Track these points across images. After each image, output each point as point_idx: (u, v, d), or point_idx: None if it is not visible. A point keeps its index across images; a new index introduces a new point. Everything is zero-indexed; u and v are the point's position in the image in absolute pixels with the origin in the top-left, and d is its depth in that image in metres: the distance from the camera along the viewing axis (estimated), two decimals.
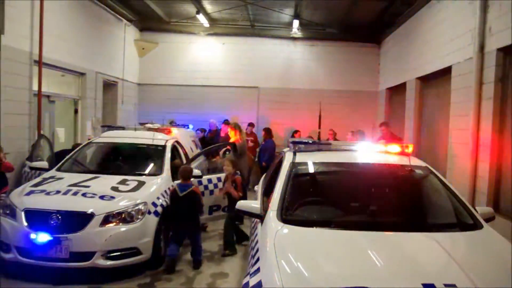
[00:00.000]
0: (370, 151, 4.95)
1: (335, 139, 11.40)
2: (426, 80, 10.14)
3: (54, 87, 9.91)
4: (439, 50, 8.93)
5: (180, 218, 6.05)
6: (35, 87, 8.66)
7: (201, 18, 12.96)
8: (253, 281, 3.00)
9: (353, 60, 14.56)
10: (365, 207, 4.06)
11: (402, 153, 4.76)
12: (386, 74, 13.84)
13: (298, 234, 3.47)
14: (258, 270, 3.10)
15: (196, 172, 6.68)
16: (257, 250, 3.53)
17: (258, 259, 3.32)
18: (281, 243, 3.25)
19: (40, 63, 8.65)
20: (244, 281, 3.12)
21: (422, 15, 10.22)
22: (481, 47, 7.02)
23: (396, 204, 4.21)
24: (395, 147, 4.86)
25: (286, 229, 3.49)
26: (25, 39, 8.37)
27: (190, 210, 6.07)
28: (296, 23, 13.16)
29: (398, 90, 12.35)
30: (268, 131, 12.32)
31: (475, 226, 3.73)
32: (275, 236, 3.35)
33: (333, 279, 2.76)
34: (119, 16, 12.77)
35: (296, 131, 12.94)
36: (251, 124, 12.93)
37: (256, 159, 12.34)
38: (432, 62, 9.36)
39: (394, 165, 4.59)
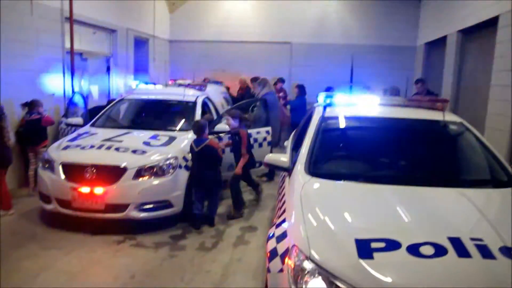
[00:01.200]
0: (403, 106, 4.82)
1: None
2: (469, 33, 9.67)
3: (86, 44, 9.99)
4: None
5: (199, 173, 6.06)
6: (67, 45, 8.75)
7: None
8: (278, 231, 3.04)
9: (391, 13, 13.95)
10: (395, 162, 4.01)
11: (437, 108, 4.61)
12: (425, 28, 13.26)
13: (325, 187, 3.45)
14: (283, 221, 3.13)
15: (220, 127, 6.69)
16: (284, 202, 3.56)
17: (284, 211, 3.34)
18: (308, 195, 3.24)
19: (71, 20, 8.69)
20: (270, 232, 3.15)
21: None
22: None
23: (427, 159, 4.10)
24: (430, 102, 4.72)
25: (313, 182, 3.48)
26: None
27: (207, 165, 6.06)
28: None
29: (437, 45, 11.86)
30: (301, 88, 12.14)
31: (510, 183, 3.60)
32: (302, 189, 3.34)
33: (358, 232, 2.74)
34: None
35: (329, 88, 12.70)
36: (281, 80, 12.72)
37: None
38: (475, 13, 8.88)
39: (428, 119, 4.45)
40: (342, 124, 4.49)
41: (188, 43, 14.58)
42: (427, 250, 2.52)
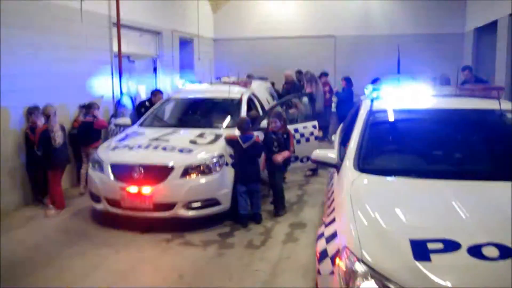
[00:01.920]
0: (456, 95, 4.58)
1: None
2: None
3: (133, 47, 10.21)
4: None
5: (244, 169, 6.01)
6: (115, 48, 8.99)
7: None
8: (328, 231, 2.94)
9: (436, 0, 13.46)
10: (450, 156, 3.79)
11: (492, 97, 4.35)
12: (474, 13, 12.67)
13: (376, 183, 3.32)
14: (333, 220, 3.02)
15: (263, 124, 6.64)
16: (333, 200, 3.45)
17: (333, 209, 3.23)
18: (358, 192, 3.12)
19: (118, 25, 8.95)
20: (319, 231, 3.06)
21: None
22: None
23: (484, 151, 3.88)
24: (484, 90, 4.47)
25: (363, 178, 3.35)
26: (103, 3, 8.68)
27: (253, 161, 6.05)
28: None
29: (487, 30, 11.30)
30: (347, 80, 11.95)
31: None
32: (352, 186, 3.22)
33: (413, 231, 2.60)
34: None
35: (377, 79, 12.38)
36: (324, 74, 12.52)
37: (335, 110, 12.05)
38: None
39: (483, 109, 4.21)
40: (391, 117, 4.31)
41: (232, 41, 14.64)
42: (491, 251, 2.35)
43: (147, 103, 8.54)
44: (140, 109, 8.39)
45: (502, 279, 2.22)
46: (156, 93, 8.53)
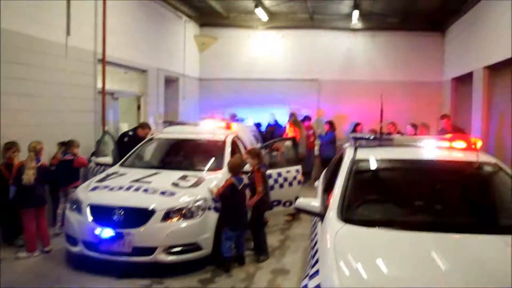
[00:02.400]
0: (435, 147, 4.68)
1: (398, 132, 10.99)
2: (495, 69, 9.53)
3: (118, 84, 10.23)
4: (508, 37, 8.34)
5: (237, 212, 5.99)
6: (99, 85, 8.98)
7: (259, 12, 12.88)
8: (311, 283, 2.91)
9: (416, 50, 14.02)
10: (430, 207, 3.85)
11: (470, 149, 4.47)
12: (451, 64, 13.19)
13: (359, 234, 3.33)
14: (317, 272, 2.99)
15: (246, 167, 6.64)
16: (317, 251, 3.43)
17: (317, 261, 3.21)
18: (341, 244, 3.13)
19: (103, 61, 8.97)
20: (303, 283, 3.03)
21: (488, 1, 9.59)
22: None
23: (463, 203, 3.96)
24: (462, 143, 4.58)
25: (346, 229, 3.36)
26: (90, 39, 8.71)
27: (243, 203, 6.08)
28: (356, 14, 12.77)
29: (464, 80, 11.74)
30: (331, 124, 12.19)
31: None
32: (335, 237, 3.23)
33: (393, 281, 2.64)
34: (179, 13, 13.00)
35: (357, 124, 12.63)
36: (307, 118, 12.73)
37: (318, 153, 12.20)
38: (501, 50, 8.78)
39: (461, 161, 4.32)
40: (374, 166, 4.39)
41: (217, 81, 14.80)
42: None
43: (130, 133, 8.55)
44: (123, 139, 8.42)
45: None
46: (144, 125, 8.52)
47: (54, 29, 7.64)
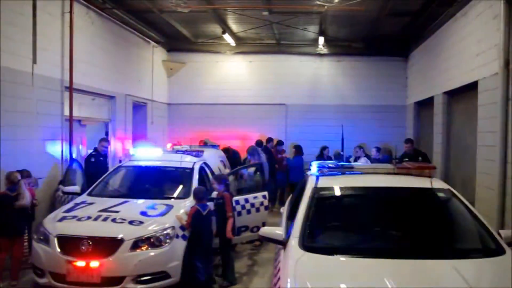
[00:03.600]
0: (393, 174, 4.94)
1: (366, 155, 11.31)
2: (453, 95, 10.01)
3: (85, 111, 10.25)
4: (465, 64, 8.81)
5: (205, 240, 6.17)
6: (66, 112, 8.97)
7: (227, 37, 13.19)
8: None
9: (381, 75, 14.48)
10: (386, 233, 4.09)
11: (424, 175, 4.75)
12: (413, 88, 13.71)
13: (318, 262, 3.53)
14: None
15: (213, 194, 6.79)
16: (279, 279, 3.59)
17: None
18: (301, 272, 3.32)
19: (70, 89, 8.97)
20: None
21: (447, 29, 10.12)
22: (507, 63, 6.90)
23: (417, 229, 4.19)
24: (419, 169, 4.86)
25: (307, 257, 3.55)
26: (56, 67, 8.73)
27: (211, 230, 6.36)
28: (321, 39, 13.23)
29: (426, 104, 12.21)
30: (298, 148, 12.44)
31: (498, 251, 3.69)
32: (296, 265, 3.41)
33: None
34: (147, 39, 13.15)
35: (325, 147, 12.94)
36: (281, 142, 12.99)
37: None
38: (458, 77, 9.24)
39: (416, 188, 4.59)
40: (335, 194, 4.61)
41: (186, 106, 14.92)
42: None
43: (93, 152, 8.86)
44: (90, 159, 8.76)
45: None
46: (101, 140, 8.59)
47: (20, 58, 7.64)
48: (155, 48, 13.75)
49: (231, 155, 11.85)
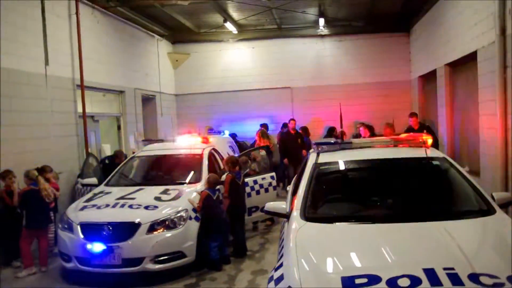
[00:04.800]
0: (389, 146, 5.20)
1: (373, 134, 11.40)
2: (455, 66, 10.13)
3: (97, 107, 10.63)
4: (464, 35, 8.92)
5: (219, 221, 6.59)
6: (79, 109, 9.38)
7: (229, 26, 13.43)
8: (276, 274, 3.39)
9: (384, 51, 14.58)
10: (382, 201, 4.35)
11: (420, 145, 5.00)
12: (417, 62, 13.81)
13: (318, 230, 3.82)
14: (281, 265, 3.48)
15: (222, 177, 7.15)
16: (283, 247, 3.91)
17: (282, 255, 3.70)
18: (302, 240, 3.60)
19: (82, 87, 9.37)
20: (270, 274, 3.51)
21: (446, 1, 10.19)
22: (503, 30, 6.99)
23: (413, 196, 4.43)
24: (414, 141, 5.12)
25: (307, 226, 3.84)
26: (67, 66, 9.12)
27: (222, 212, 6.76)
28: (321, 21, 13.38)
29: (430, 78, 12.33)
30: (305, 130, 12.65)
31: (489, 212, 3.93)
32: (297, 234, 3.71)
33: (344, 270, 3.09)
34: (151, 33, 13.44)
35: (332, 128, 13.13)
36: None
37: None
38: (458, 48, 9.36)
39: (412, 158, 4.84)
40: (334, 168, 4.89)
41: (193, 96, 15.25)
42: (404, 282, 2.85)
43: (106, 161, 9.02)
44: (104, 161, 9.07)
45: None
46: (119, 154, 8.93)
47: (33, 60, 8.02)
48: (159, 41, 14.04)
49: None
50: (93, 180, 7.80)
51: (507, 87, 6.99)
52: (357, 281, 2.92)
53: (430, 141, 5.17)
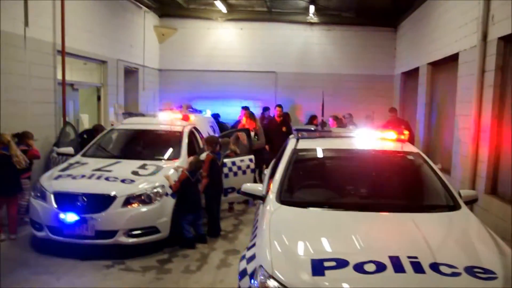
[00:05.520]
0: (367, 138, 5.31)
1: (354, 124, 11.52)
2: (437, 66, 10.33)
3: (77, 75, 10.45)
4: (448, 36, 9.10)
5: (195, 198, 6.68)
6: (59, 76, 9.18)
7: (218, 4, 13.33)
8: (249, 253, 3.48)
9: (370, 45, 14.76)
10: (357, 190, 4.48)
11: (397, 140, 5.13)
12: (401, 59, 14.01)
13: (292, 214, 3.92)
14: (254, 245, 3.57)
15: (202, 156, 7.17)
16: (256, 228, 4.00)
17: (256, 235, 3.79)
18: (276, 222, 3.70)
19: (63, 52, 9.15)
20: (243, 253, 3.60)
21: (434, 0, 10.33)
22: (484, 36, 7.21)
23: (385, 187, 4.59)
24: (391, 134, 5.23)
25: (282, 209, 3.94)
26: (48, 30, 8.84)
27: (198, 189, 6.83)
28: (312, 8, 13.40)
29: (412, 75, 12.54)
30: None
31: (454, 207, 4.10)
32: (271, 216, 3.80)
33: (315, 253, 3.20)
34: (138, 4, 13.21)
35: (313, 116, 13.24)
36: (266, 108, 13.23)
37: None
38: (442, 48, 9.54)
39: (387, 151, 4.97)
40: (312, 155, 4.99)
41: (177, 72, 15.13)
42: (370, 267, 2.99)
43: (85, 136, 8.88)
44: (82, 135, 8.83)
45: None
46: (99, 128, 8.81)
47: (12, 20, 7.72)
48: (146, 13, 13.82)
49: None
50: (69, 149, 7.70)
51: (484, 90, 7.22)
52: (326, 264, 3.03)
53: (406, 135, 5.31)
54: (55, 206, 5.97)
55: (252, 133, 9.13)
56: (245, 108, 11.66)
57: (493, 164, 6.89)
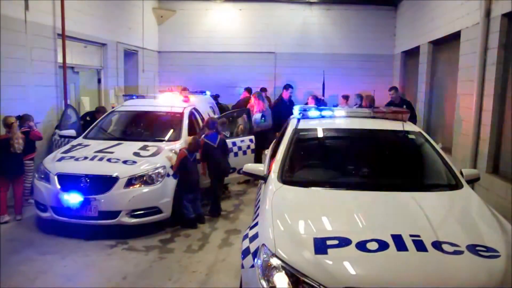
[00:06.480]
0: (370, 117, 5.31)
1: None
2: (438, 45, 10.25)
3: (78, 58, 10.41)
4: (450, 14, 9.01)
5: (193, 178, 6.72)
6: (60, 60, 9.18)
7: None
8: (251, 232, 3.52)
9: (369, 24, 14.60)
10: (358, 169, 4.49)
11: (398, 119, 5.12)
12: (401, 38, 13.89)
13: (294, 193, 3.94)
14: (256, 224, 3.61)
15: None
16: (259, 207, 4.04)
17: (258, 215, 3.82)
18: (278, 201, 3.73)
19: (63, 36, 9.14)
20: (245, 232, 3.64)
21: None
22: (487, 13, 7.11)
23: (387, 166, 4.59)
24: (394, 113, 5.23)
25: (284, 189, 3.96)
26: (48, 14, 8.83)
27: (197, 170, 6.94)
28: None
29: (412, 54, 12.45)
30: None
31: (456, 186, 4.12)
32: (273, 196, 3.82)
33: (317, 232, 3.23)
34: None
35: (314, 96, 13.15)
36: (263, 89, 13.12)
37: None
38: (443, 26, 9.45)
39: (389, 130, 4.96)
40: (313, 135, 4.99)
41: (176, 54, 15.05)
42: (372, 245, 3.01)
43: (88, 118, 8.88)
44: (85, 118, 8.84)
45: (379, 266, 2.89)
46: (102, 110, 8.82)
47: (12, 4, 7.73)
48: None
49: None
50: (71, 132, 7.75)
51: (486, 68, 7.16)
52: (329, 242, 3.06)
53: (407, 115, 5.30)
54: (59, 187, 6.04)
55: (259, 114, 9.12)
56: (248, 89, 11.62)
57: (495, 143, 6.89)
